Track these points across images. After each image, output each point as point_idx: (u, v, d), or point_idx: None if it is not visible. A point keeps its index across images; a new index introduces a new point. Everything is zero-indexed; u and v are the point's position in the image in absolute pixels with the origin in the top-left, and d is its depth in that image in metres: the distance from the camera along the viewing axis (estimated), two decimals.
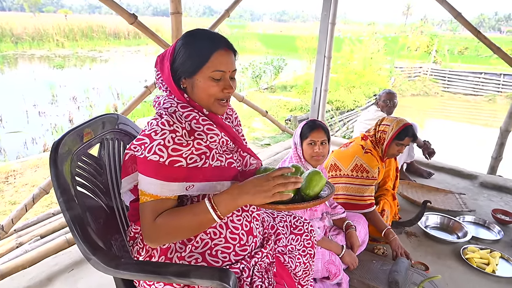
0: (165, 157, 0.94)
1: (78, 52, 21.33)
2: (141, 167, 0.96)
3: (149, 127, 0.98)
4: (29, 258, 2.11)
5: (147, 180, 0.95)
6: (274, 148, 4.09)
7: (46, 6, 68.27)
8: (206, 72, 1.01)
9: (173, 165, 0.95)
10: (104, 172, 1.14)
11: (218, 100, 1.04)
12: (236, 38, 24.66)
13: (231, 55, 1.05)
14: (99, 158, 1.13)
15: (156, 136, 0.95)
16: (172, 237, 0.97)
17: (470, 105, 14.33)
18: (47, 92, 10.32)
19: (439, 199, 2.84)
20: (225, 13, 2.99)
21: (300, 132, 1.95)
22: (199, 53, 1.01)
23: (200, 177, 1.00)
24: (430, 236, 2.29)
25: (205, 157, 1.02)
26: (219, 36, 1.05)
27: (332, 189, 1.14)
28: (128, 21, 2.28)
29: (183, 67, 1.02)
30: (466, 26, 3.29)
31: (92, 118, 1.12)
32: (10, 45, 21.37)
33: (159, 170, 0.94)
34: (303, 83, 11.02)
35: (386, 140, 2.20)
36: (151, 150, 0.94)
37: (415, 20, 40.28)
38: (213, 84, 1.02)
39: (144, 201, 0.96)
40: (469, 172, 3.39)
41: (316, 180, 1.09)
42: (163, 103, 1.04)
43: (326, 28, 3.99)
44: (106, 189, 1.13)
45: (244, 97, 3.76)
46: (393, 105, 3.15)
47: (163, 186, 0.95)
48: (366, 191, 2.15)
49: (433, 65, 17.83)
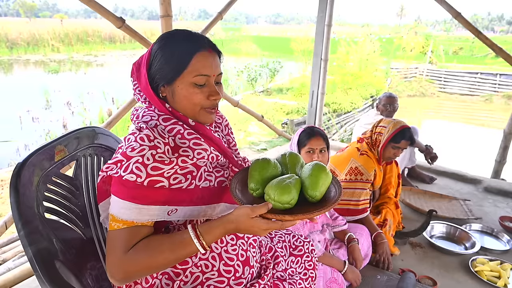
0: (144, 177, 0.82)
1: (73, 56, 21.24)
2: (115, 187, 0.84)
3: (126, 143, 0.86)
4: (12, 277, 1.97)
5: (121, 203, 0.82)
6: (271, 154, 3.98)
7: (42, 11, 68.11)
8: (188, 77, 0.89)
9: (152, 186, 0.83)
10: (80, 194, 1.02)
11: (205, 109, 0.92)
12: (231, 41, 24.58)
13: (215, 57, 0.92)
14: (74, 178, 1.01)
15: (133, 153, 0.82)
16: (144, 273, 0.85)
17: (467, 105, 14.31)
18: (41, 98, 10.22)
19: (443, 206, 2.73)
20: (218, 15, 2.88)
21: (297, 140, 1.84)
22: (178, 56, 0.89)
23: (186, 200, 0.88)
24: (436, 247, 2.17)
25: (191, 177, 0.90)
26: (201, 36, 0.93)
27: (338, 187, 0.95)
28: (116, 25, 2.17)
29: (161, 73, 0.90)
30: (467, 26, 3.21)
31: (65, 134, 0.99)
32: (5, 51, 21.25)
33: (136, 192, 0.82)
34: (299, 86, 10.94)
35: (381, 142, 2.11)
36: (127, 169, 0.82)
37: (409, 21, 40.46)
38: (197, 91, 0.89)
39: (115, 228, 0.83)
40: (473, 177, 3.29)
41: (322, 178, 0.90)
42: (142, 116, 0.92)
43: (322, 30, 3.89)
44: (83, 212, 1.01)
45: (239, 102, 3.65)
46: (393, 109, 3.05)
47: (140, 211, 0.83)
48: (361, 194, 2.05)
49: (429, 65, 17.82)
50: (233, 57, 17.89)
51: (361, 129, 3.15)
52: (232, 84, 12.00)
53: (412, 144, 2.20)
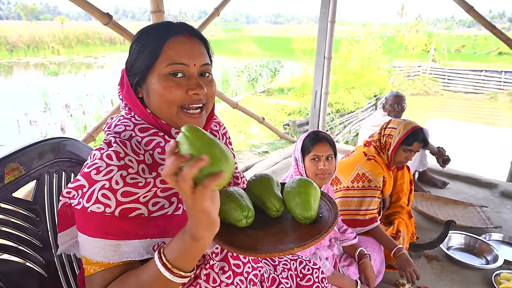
0: (113, 206, 0.65)
1: (73, 58, 21.17)
2: (81, 222, 0.67)
3: (91, 160, 0.69)
4: None
5: (91, 242, 0.65)
6: (272, 157, 3.80)
7: (43, 14, 68.34)
8: (160, 68, 0.72)
9: (127, 216, 0.66)
10: (41, 221, 0.84)
11: (184, 110, 0.74)
12: (231, 41, 24.46)
13: (195, 44, 0.75)
14: (33, 202, 0.83)
15: (99, 176, 0.65)
16: None
17: (471, 104, 14.09)
18: (40, 100, 10.16)
19: (458, 214, 2.54)
20: (214, 11, 2.70)
21: (301, 146, 1.66)
22: (149, 45, 0.73)
23: (174, 230, 0.70)
24: (455, 260, 1.99)
25: (177, 200, 0.72)
26: (178, 23, 0.77)
27: (331, 203, 0.82)
28: (102, 22, 1.99)
29: (134, 69, 0.74)
30: (480, 21, 3.02)
31: (21, 148, 0.81)
32: (5, 53, 21.24)
33: (106, 225, 0.65)
34: (300, 86, 10.75)
35: (392, 145, 1.93)
36: (91, 198, 0.64)
37: (410, 19, 40.16)
38: (171, 84, 0.72)
39: (91, 272, 0.66)
40: (488, 180, 3.09)
41: (312, 194, 0.78)
42: (115, 126, 0.75)
43: (325, 27, 3.70)
44: (44, 243, 0.83)
45: (238, 104, 3.47)
46: (402, 109, 2.87)
47: (117, 248, 0.66)
48: (370, 203, 1.87)
49: (432, 63, 17.60)
50: (234, 58, 17.76)
51: (368, 131, 2.97)
52: (233, 84, 11.85)
53: (426, 146, 2.04)
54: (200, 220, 0.57)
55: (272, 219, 0.80)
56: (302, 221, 0.76)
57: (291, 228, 0.77)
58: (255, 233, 0.74)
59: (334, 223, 0.73)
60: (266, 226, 0.77)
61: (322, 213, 0.80)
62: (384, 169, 1.96)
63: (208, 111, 0.80)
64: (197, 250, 0.61)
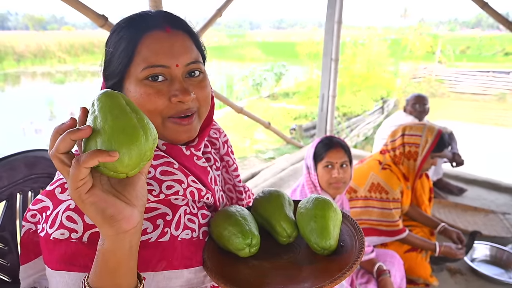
0: (80, 231, 0.53)
1: (79, 67, 21.40)
2: (45, 253, 0.55)
3: (57, 176, 0.58)
4: None
5: (56, 276, 0.53)
6: (279, 164, 3.65)
7: (50, 24, 69.44)
8: (135, 72, 0.59)
9: (97, 243, 0.53)
10: (10, 251, 0.71)
11: (171, 118, 0.61)
12: (235, 47, 24.53)
13: (178, 39, 0.61)
14: (1, 228, 0.71)
15: (64, 195, 0.54)
16: None
17: (479, 105, 13.85)
18: (45, 109, 10.27)
19: (479, 221, 2.38)
20: (217, 12, 2.60)
21: (313, 153, 1.53)
22: (122, 45, 0.59)
23: (163, 262, 0.58)
24: (480, 274, 1.83)
25: (163, 223, 0.59)
26: (155, 12, 0.62)
27: (355, 228, 0.67)
28: (98, 24, 1.90)
29: (109, 73, 0.62)
30: (495, 17, 2.89)
31: None
32: (13, 63, 21.55)
33: (71, 254, 0.53)
34: (306, 89, 10.65)
35: (422, 154, 1.79)
36: (55, 222, 0.53)
37: (413, 22, 39.90)
38: (149, 91, 0.58)
39: None
40: (508, 185, 2.92)
41: (332, 218, 0.63)
42: None
43: (332, 28, 3.58)
44: (14, 277, 0.71)
45: (243, 108, 3.35)
46: (424, 110, 2.74)
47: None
48: (391, 215, 1.75)
49: (438, 65, 17.41)
50: (238, 63, 17.74)
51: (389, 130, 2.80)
52: (237, 90, 11.78)
53: (448, 148, 1.92)
54: (88, 211, 0.45)
55: (282, 246, 0.67)
56: (319, 251, 0.62)
57: (305, 259, 0.63)
58: (260, 265, 0.61)
59: (360, 257, 0.58)
60: (274, 255, 0.64)
61: (343, 240, 0.65)
62: (401, 179, 1.83)
63: (202, 116, 0.67)
64: (106, 257, 0.47)
